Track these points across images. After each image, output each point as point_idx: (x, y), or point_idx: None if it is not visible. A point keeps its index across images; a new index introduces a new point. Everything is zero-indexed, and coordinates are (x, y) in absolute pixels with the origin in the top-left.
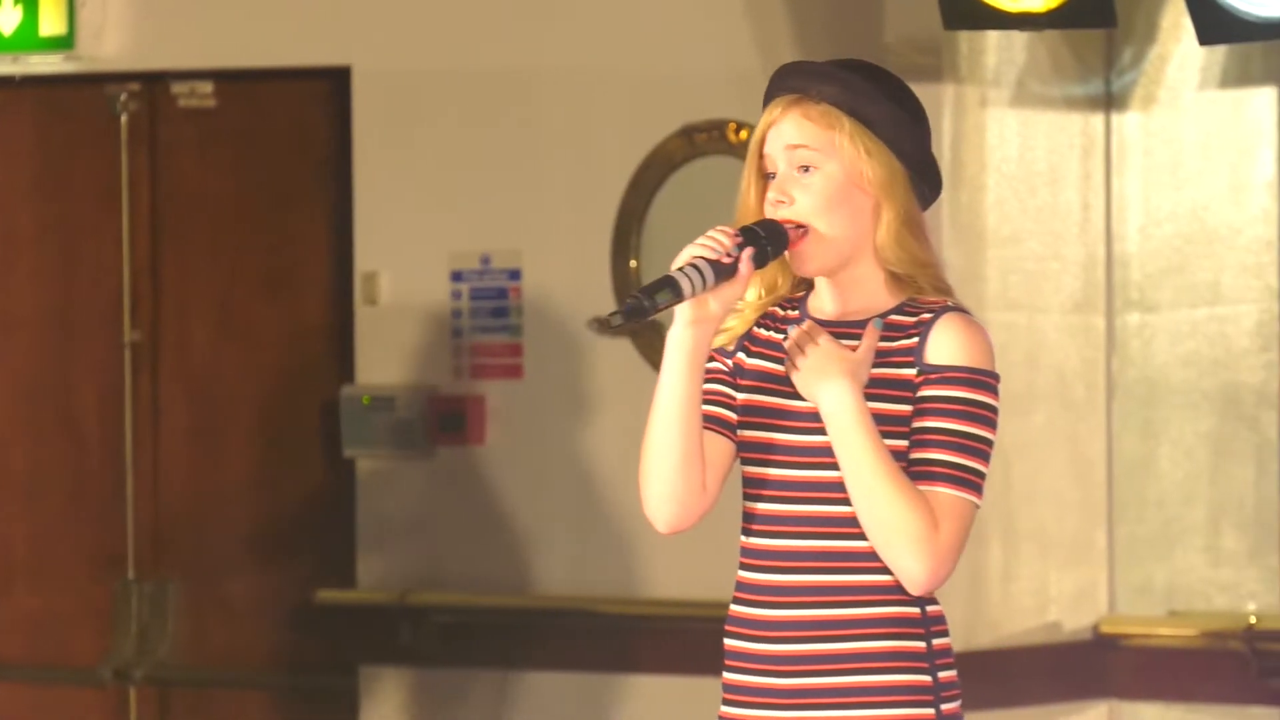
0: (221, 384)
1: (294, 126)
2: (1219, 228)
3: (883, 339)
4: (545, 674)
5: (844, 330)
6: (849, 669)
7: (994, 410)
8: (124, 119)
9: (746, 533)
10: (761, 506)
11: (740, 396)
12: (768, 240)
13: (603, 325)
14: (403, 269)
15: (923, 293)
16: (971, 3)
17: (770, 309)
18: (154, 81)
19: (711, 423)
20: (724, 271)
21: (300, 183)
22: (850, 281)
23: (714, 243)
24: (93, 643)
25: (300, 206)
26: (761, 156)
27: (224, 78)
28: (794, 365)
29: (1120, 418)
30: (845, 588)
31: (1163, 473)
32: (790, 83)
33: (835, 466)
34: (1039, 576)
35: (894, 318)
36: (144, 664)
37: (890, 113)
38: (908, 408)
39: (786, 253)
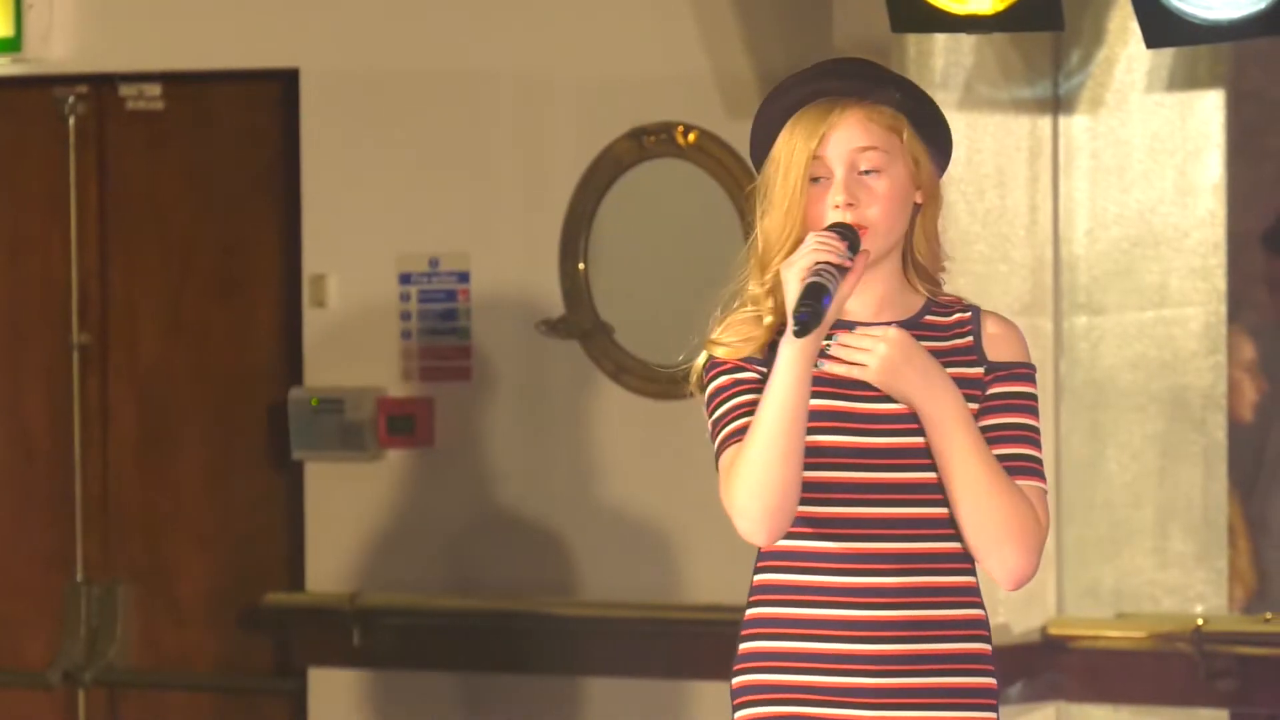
0: (170, 386)
1: (242, 129)
2: (1166, 230)
3: (933, 338)
4: (495, 676)
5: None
6: (939, 669)
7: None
8: (72, 121)
9: (807, 537)
10: (831, 510)
11: None
12: (855, 242)
13: (559, 330)
14: (351, 271)
15: (934, 291)
16: (919, 5)
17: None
18: (102, 84)
19: None
20: (843, 274)
21: (249, 185)
22: (874, 280)
23: (831, 246)
24: (42, 645)
25: (248, 209)
26: (813, 158)
27: (172, 80)
28: (890, 369)
29: (1068, 420)
30: (934, 589)
31: (1110, 475)
32: (834, 84)
33: (917, 468)
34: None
35: (929, 318)
36: (93, 666)
37: (937, 115)
38: (976, 405)
39: None
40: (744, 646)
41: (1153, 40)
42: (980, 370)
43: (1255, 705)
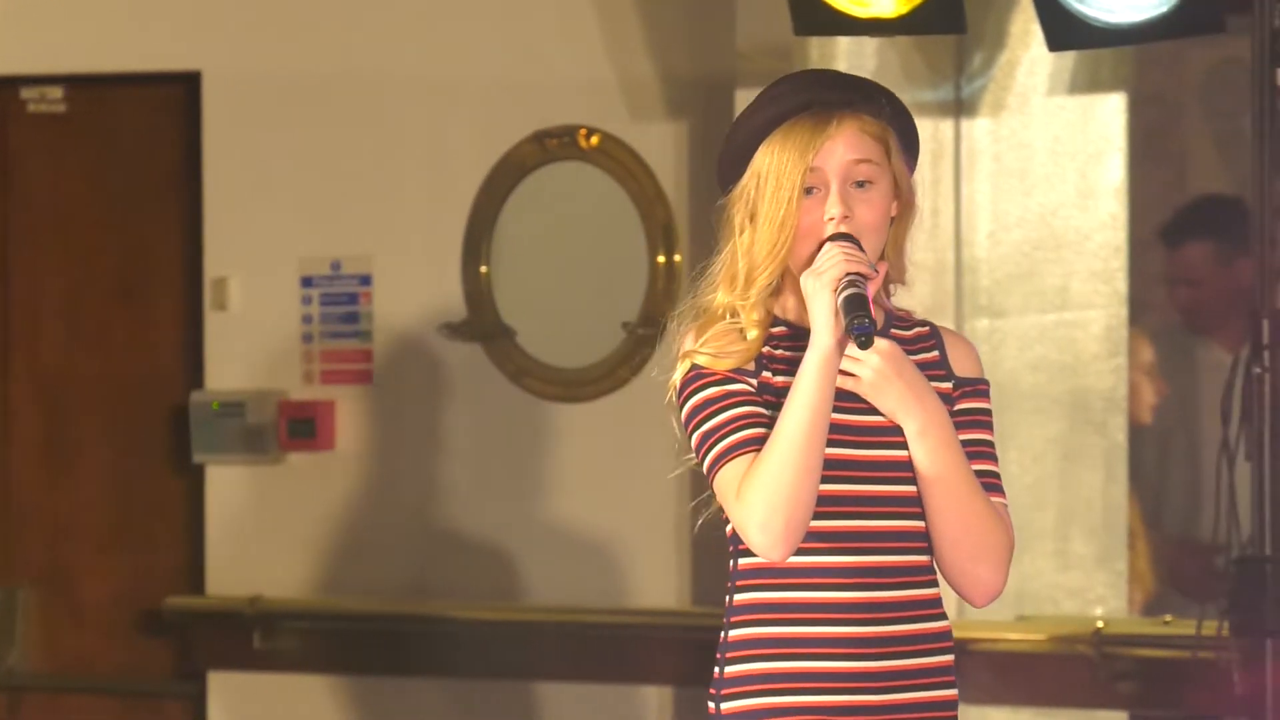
0: (71, 389)
1: (144, 132)
2: (1067, 233)
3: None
4: (393, 679)
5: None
6: (933, 683)
7: None
8: None
9: (801, 551)
10: (833, 524)
11: (774, 414)
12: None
13: (461, 333)
14: (253, 275)
15: (890, 305)
16: (822, 9)
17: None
18: (3, 86)
19: (764, 443)
20: (866, 284)
21: (151, 188)
22: None
23: (858, 256)
24: None
25: (151, 212)
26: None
27: (75, 83)
28: (881, 382)
29: None
30: (916, 601)
31: (1011, 477)
32: (827, 96)
33: (900, 481)
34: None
35: (894, 330)
36: None
37: (913, 128)
38: None
39: (795, 264)
40: (738, 669)
41: (1055, 43)
42: (949, 385)
43: (1154, 707)
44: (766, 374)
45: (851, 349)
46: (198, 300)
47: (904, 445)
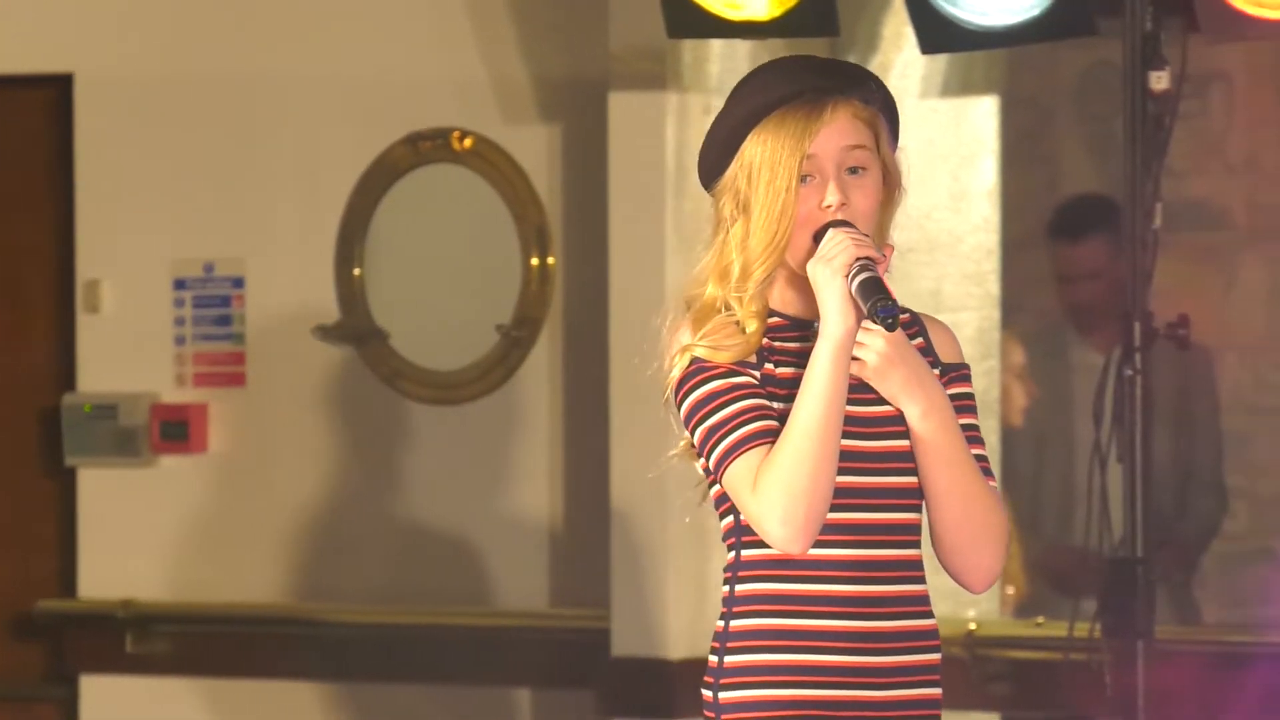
0: None
1: (16, 134)
2: (941, 236)
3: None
4: (267, 682)
5: (808, 331)
6: (922, 680)
7: None
8: None
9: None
10: (835, 515)
11: (779, 406)
12: None
13: (334, 336)
14: (125, 277)
15: None
16: (695, 11)
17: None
18: None
19: (775, 435)
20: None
21: (22, 190)
22: None
23: (865, 241)
24: None
25: (22, 214)
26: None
27: None
28: (886, 365)
29: None
30: (911, 597)
31: None
32: (819, 82)
33: (900, 472)
34: None
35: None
36: None
37: (897, 114)
38: None
39: (793, 253)
40: (740, 659)
41: (927, 46)
42: (937, 372)
43: (1027, 709)
44: (769, 366)
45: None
46: (70, 303)
47: (904, 435)
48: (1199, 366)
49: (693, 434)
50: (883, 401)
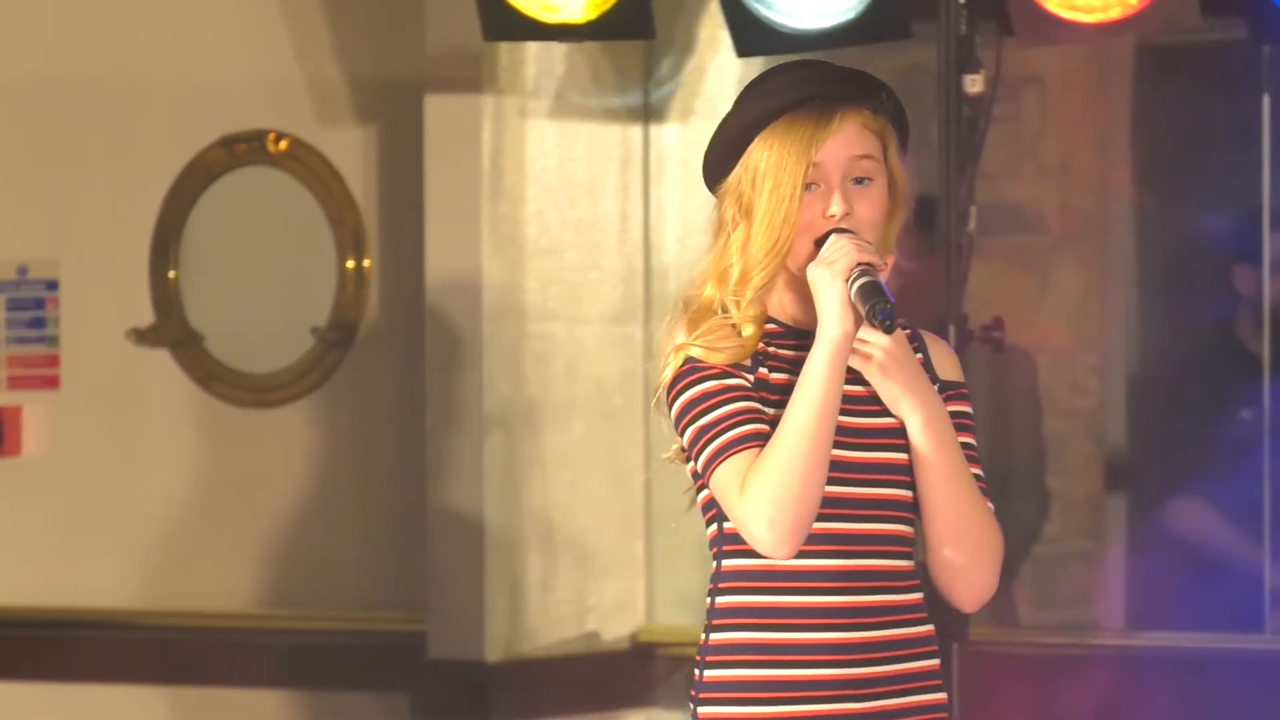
0: None
1: None
2: None
3: None
4: (83, 686)
5: (804, 339)
6: (919, 687)
7: None
8: None
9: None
10: (823, 525)
11: (771, 411)
12: None
13: (149, 339)
14: None
15: None
16: (511, 14)
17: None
18: None
19: (766, 439)
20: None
21: None
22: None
23: (867, 247)
24: None
25: None
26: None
27: None
28: (891, 364)
29: (658, 428)
30: (903, 606)
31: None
32: (829, 89)
33: (898, 485)
34: (577, 587)
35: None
36: None
37: (907, 123)
38: None
39: (793, 260)
40: (718, 674)
41: (743, 49)
42: (936, 389)
43: None
44: (763, 370)
45: (861, 332)
46: None
47: (897, 449)
48: (1019, 369)
49: (682, 434)
50: (879, 414)
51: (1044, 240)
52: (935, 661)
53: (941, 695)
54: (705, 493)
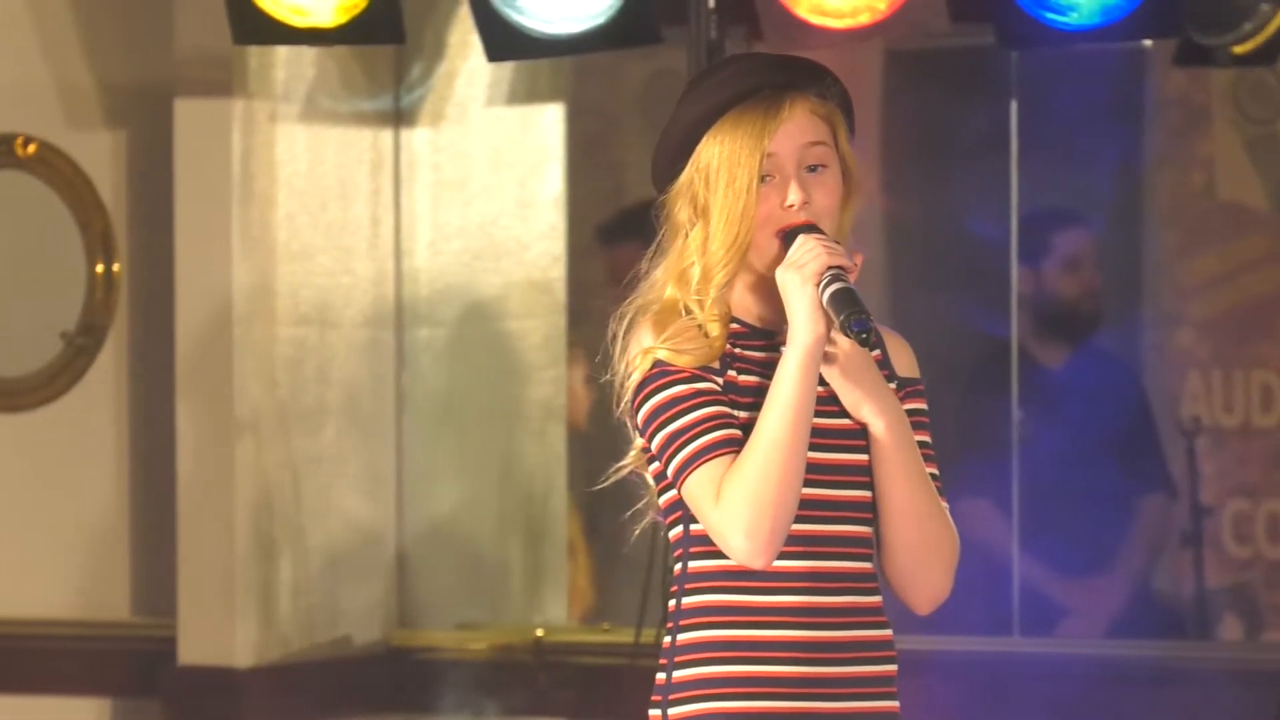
0: None
1: None
2: (507, 243)
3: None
4: None
5: (770, 339)
6: (879, 692)
7: None
8: None
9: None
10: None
11: (742, 415)
12: None
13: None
14: None
15: None
16: (260, 17)
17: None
18: None
19: (739, 444)
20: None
21: None
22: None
23: (836, 248)
24: None
25: None
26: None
27: None
28: (854, 369)
29: (410, 432)
30: (864, 608)
31: (453, 487)
32: (777, 78)
33: (859, 486)
34: (330, 590)
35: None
36: None
37: (850, 108)
38: None
39: (755, 255)
40: (688, 673)
41: (494, 54)
42: (894, 386)
43: (595, 715)
44: (731, 373)
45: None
46: None
47: (861, 449)
48: None
49: (651, 439)
50: (842, 414)
51: None
52: (894, 667)
53: (895, 704)
54: (670, 494)
